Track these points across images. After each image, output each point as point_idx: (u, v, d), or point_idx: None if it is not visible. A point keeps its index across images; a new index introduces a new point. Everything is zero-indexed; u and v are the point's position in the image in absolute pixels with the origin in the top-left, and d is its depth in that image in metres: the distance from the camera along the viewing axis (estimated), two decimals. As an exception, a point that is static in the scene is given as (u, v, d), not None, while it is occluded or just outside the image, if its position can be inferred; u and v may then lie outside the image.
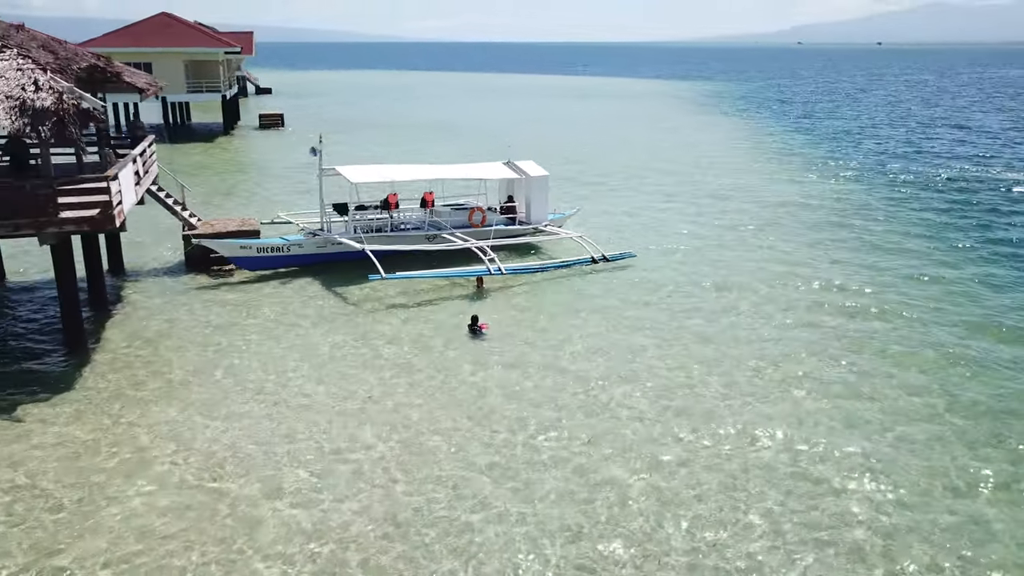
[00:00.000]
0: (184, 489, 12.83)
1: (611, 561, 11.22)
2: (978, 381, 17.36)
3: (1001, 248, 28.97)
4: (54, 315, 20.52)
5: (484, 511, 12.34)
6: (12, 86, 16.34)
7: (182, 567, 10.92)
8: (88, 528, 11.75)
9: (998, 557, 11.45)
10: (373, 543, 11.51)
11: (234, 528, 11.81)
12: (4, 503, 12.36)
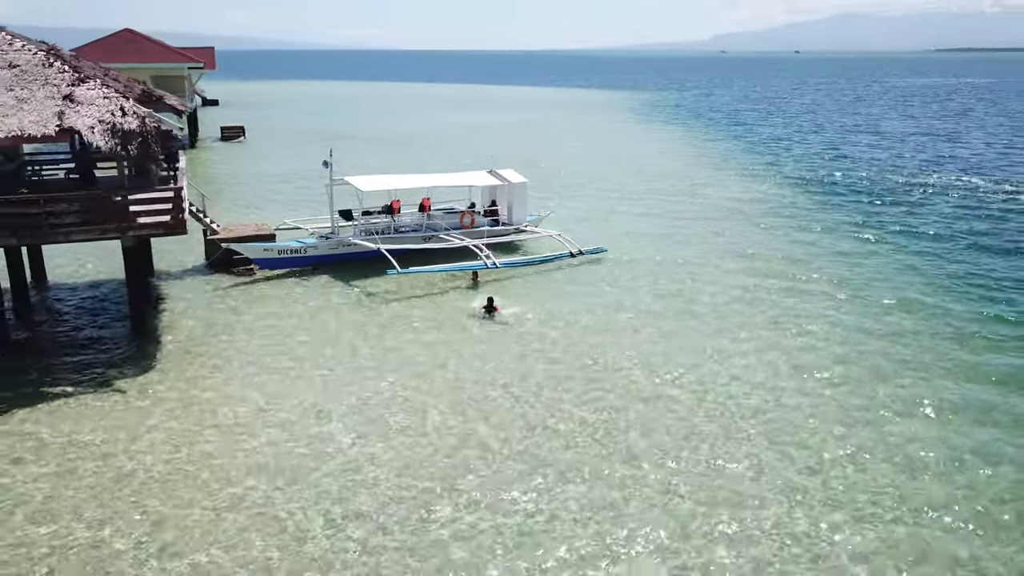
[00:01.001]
0: (295, 429, 16.13)
1: (619, 428, 15.05)
2: (870, 320, 21.90)
3: (908, 233, 34.13)
4: (107, 310, 23.30)
5: (546, 416, 16.03)
6: (103, 112, 19.27)
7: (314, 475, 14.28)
8: (247, 449, 14.97)
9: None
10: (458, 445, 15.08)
11: (333, 454, 15.21)
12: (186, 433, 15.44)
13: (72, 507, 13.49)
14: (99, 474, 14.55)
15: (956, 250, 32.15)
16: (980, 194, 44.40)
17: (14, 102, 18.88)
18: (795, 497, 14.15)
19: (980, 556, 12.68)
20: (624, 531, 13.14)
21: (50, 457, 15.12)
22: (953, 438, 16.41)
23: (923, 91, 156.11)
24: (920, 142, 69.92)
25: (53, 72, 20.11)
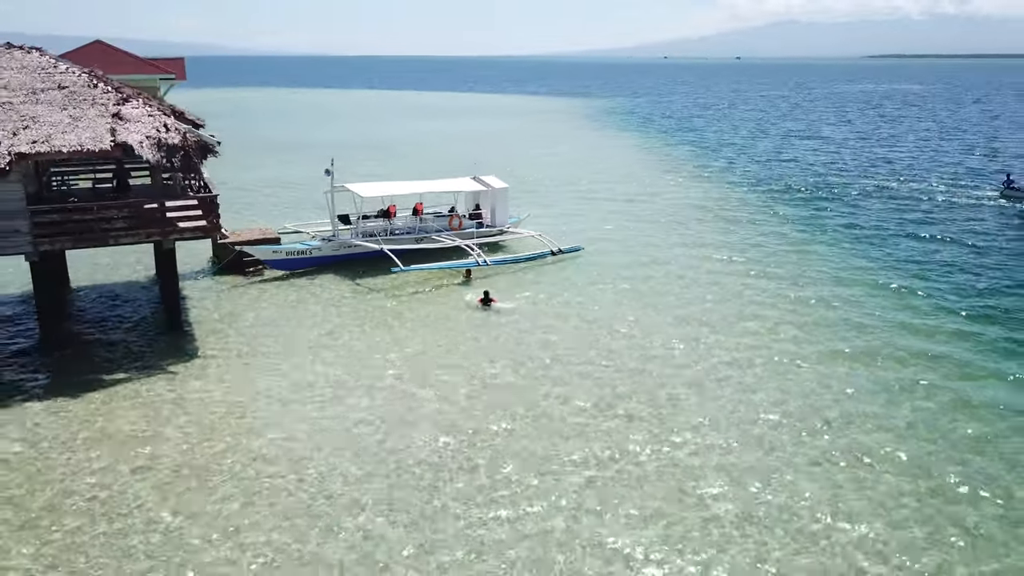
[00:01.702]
0: (326, 398, 18.80)
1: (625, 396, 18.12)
2: (807, 306, 25.47)
3: (849, 227, 38.11)
4: (135, 310, 25.55)
5: (550, 388, 18.99)
6: (149, 128, 21.62)
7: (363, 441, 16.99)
8: (295, 416, 17.58)
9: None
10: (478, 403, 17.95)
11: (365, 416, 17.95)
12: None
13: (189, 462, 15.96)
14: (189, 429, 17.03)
15: (889, 239, 36.21)
16: (910, 193, 48.91)
17: (70, 120, 21.11)
18: (745, 430, 17.36)
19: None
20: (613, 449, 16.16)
21: (154, 422, 17.51)
22: (864, 375, 19.85)
23: (858, 97, 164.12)
24: (857, 146, 75.07)
25: (98, 92, 22.36)
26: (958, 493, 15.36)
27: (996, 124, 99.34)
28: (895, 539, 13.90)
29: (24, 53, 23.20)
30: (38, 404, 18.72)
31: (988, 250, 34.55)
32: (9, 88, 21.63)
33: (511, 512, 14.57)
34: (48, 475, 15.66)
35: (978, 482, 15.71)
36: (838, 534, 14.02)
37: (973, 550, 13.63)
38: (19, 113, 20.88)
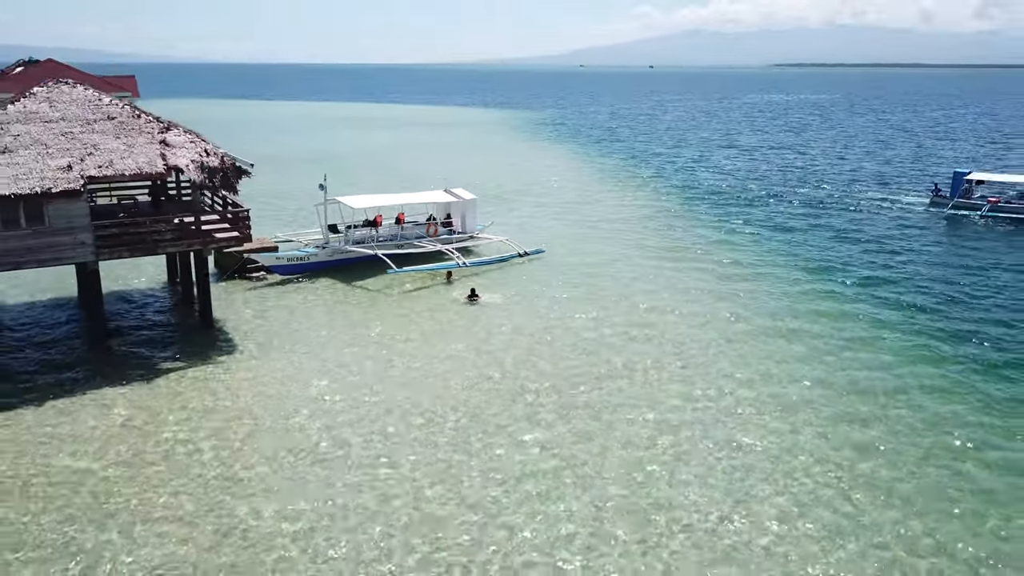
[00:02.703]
0: (347, 377, 22.89)
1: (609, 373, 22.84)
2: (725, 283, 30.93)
3: (766, 225, 44.10)
4: (153, 311, 28.94)
5: (525, 373, 23.53)
6: (193, 154, 25.22)
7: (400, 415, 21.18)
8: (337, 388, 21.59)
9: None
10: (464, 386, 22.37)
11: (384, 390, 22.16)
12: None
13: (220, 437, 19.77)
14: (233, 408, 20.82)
15: (800, 235, 42.32)
16: (817, 196, 55.68)
17: (125, 147, 24.52)
18: (679, 373, 22.35)
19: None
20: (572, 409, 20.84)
21: (203, 404, 21.18)
22: (783, 346, 25.20)
23: (768, 107, 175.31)
24: (768, 154, 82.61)
25: (142, 122, 25.77)
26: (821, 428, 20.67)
27: (889, 132, 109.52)
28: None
29: (71, 87, 26.29)
30: (128, 386, 22.10)
31: (920, 251, 40.60)
32: (67, 119, 24.83)
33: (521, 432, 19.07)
34: (158, 435, 19.25)
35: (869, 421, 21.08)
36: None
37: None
38: (81, 141, 24.18)
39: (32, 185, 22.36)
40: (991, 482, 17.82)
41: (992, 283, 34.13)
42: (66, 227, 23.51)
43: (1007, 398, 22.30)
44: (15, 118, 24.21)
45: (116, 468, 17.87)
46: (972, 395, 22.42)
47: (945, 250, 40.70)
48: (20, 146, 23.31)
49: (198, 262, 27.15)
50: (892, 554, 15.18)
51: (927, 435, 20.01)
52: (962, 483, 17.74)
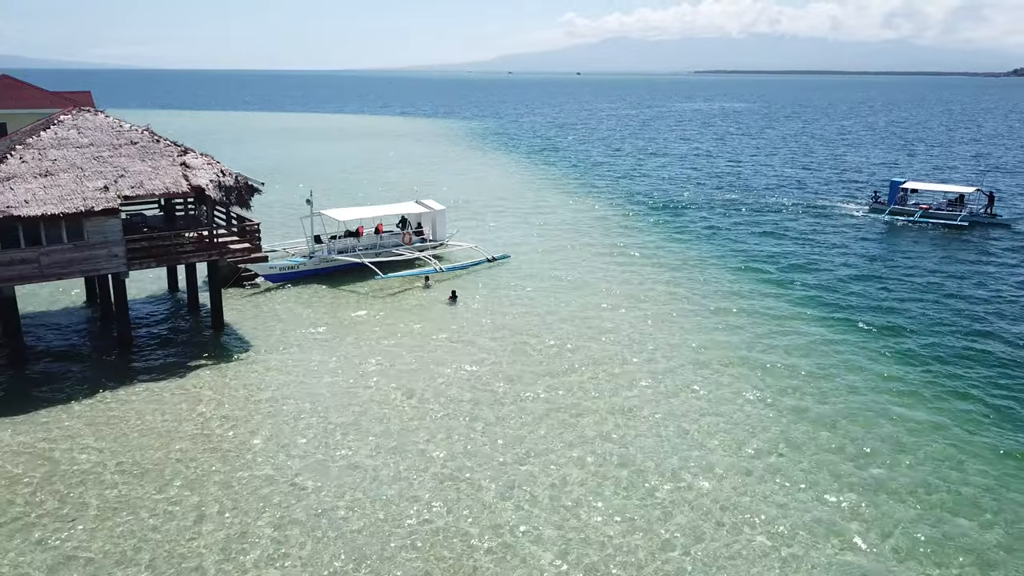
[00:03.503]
0: (350, 370, 26.37)
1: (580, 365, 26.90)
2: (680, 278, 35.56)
3: (703, 226, 49.11)
4: (164, 316, 31.74)
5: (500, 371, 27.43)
6: (212, 174, 28.23)
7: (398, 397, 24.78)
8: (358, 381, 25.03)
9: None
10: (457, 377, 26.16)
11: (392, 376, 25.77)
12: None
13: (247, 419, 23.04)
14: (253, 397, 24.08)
15: (733, 233, 47.45)
16: (743, 199, 61.26)
17: (151, 169, 27.38)
18: (630, 357, 26.64)
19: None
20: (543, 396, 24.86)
21: (221, 400, 24.31)
22: (727, 328, 29.78)
23: (696, 115, 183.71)
24: (697, 162, 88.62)
25: (161, 146, 28.62)
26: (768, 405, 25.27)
27: (809, 140, 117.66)
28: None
29: (93, 114, 28.92)
30: (163, 380, 25.00)
31: (858, 251, 46.04)
32: (95, 144, 27.52)
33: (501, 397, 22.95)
34: (224, 413, 22.34)
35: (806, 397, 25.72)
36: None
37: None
38: (112, 164, 26.93)
39: (76, 205, 25.09)
40: (899, 439, 22.55)
41: (918, 274, 39.70)
42: (102, 241, 26.25)
43: (902, 355, 27.31)
44: (49, 144, 26.79)
45: (198, 439, 20.96)
46: (879, 361, 27.35)
47: (884, 249, 46.13)
48: (59, 169, 25.96)
49: (212, 271, 30.07)
50: (806, 483, 19.62)
51: (841, 394, 24.72)
52: (874, 441, 22.40)
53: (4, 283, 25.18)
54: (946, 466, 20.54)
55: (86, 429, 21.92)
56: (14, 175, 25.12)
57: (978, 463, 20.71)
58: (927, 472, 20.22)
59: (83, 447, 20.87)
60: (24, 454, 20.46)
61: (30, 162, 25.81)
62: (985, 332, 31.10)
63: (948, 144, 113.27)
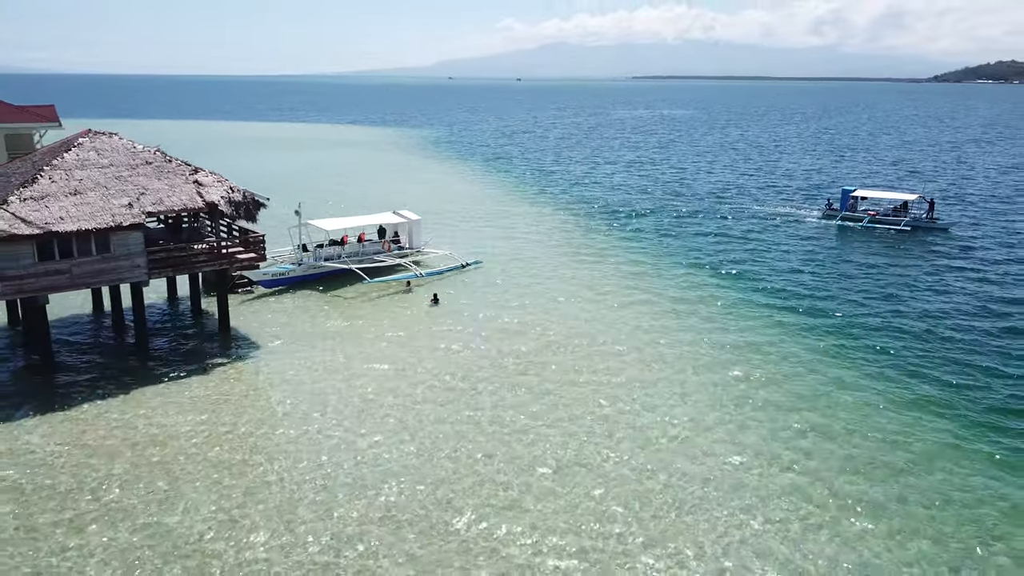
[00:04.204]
0: (364, 361, 29.60)
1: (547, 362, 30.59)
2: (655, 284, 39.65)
3: (651, 229, 53.44)
4: (172, 322, 34.34)
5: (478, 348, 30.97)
6: (223, 191, 31.02)
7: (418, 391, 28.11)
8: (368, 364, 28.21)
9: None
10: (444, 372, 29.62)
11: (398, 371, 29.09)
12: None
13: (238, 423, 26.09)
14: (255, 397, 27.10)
15: (684, 235, 51.88)
16: (691, 205, 65.98)
17: (168, 187, 30.05)
18: (597, 348, 30.48)
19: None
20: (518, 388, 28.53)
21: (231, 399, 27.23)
22: (686, 327, 33.87)
23: (636, 122, 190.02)
24: (644, 168, 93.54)
25: (173, 166, 31.27)
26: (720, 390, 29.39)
27: (746, 148, 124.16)
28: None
29: (107, 137, 31.36)
30: (186, 378, 27.72)
31: (810, 254, 50.75)
32: (115, 165, 30.03)
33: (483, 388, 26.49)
34: (244, 402, 25.23)
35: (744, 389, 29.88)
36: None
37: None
38: (132, 183, 29.52)
39: (106, 220, 27.67)
40: (841, 417, 26.82)
41: (864, 273, 44.58)
42: (126, 253, 28.82)
43: (856, 347, 31.76)
44: (73, 165, 29.23)
45: (221, 424, 23.86)
46: (814, 335, 31.74)
47: (837, 250, 51.01)
48: (87, 188, 28.46)
49: (220, 279, 32.78)
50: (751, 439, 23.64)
51: (786, 378, 28.95)
52: (805, 392, 26.62)
53: (40, 292, 27.57)
54: (863, 413, 24.86)
55: (130, 423, 24.64)
56: (47, 194, 27.56)
57: (889, 409, 25.09)
58: (851, 417, 24.48)
59: (137, 440, 23.61)
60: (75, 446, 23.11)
61: (59, 182, 28.24)
62: (905, 313, 35.96)
63: (874, 150, 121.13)
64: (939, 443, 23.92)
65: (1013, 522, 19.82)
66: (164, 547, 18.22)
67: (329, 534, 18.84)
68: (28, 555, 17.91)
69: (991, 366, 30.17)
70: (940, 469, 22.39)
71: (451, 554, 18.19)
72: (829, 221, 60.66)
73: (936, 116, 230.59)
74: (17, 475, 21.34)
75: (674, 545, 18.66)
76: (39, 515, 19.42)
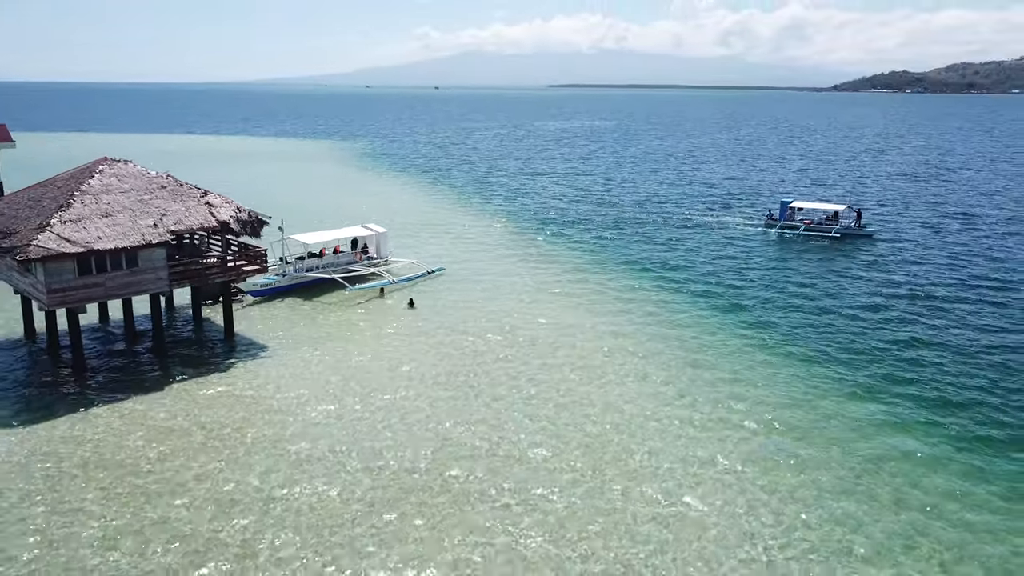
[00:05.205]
0: (349, 364, 34.39)
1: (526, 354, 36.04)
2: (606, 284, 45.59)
3: (593, 235, 59.51)
4: (178, 328, 38.29)
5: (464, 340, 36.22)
6: (231, 211, 35.23)
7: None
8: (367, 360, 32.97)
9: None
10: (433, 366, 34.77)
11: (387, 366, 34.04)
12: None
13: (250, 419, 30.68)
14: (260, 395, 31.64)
15: (619, 241, 58.16)
16: (624, 212, 72.57)
17: (184, 208, 34.09)
18: (563, 342, 36.13)
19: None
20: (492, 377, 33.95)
21: (236, 402, 31.65)
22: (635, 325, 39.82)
23: (560, 134, 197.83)
24: (576, 180, 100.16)
25: (184, 189, 35.28)
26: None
27: (665, 158, 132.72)
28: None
29: (123, 164, 35.06)
30: (203, 376, 31.82)
31: (750, 259, 57.42)
32: (135, 190, 33.87)
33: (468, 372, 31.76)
34: (260, 398, 29.61)
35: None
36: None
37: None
38: (153, 206, 33.45)
39: (136, 239, 31.59)
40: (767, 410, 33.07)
41: (799, 272, 51.54)
42: (151, 267, 32.76)
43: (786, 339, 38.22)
44: (99, 190, 32.96)
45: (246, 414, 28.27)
46: (740, 323, 38.10)
47: (777, 255, 57.87)
48: (115, 211, 32.28)
49: (225, 289, 36.85)
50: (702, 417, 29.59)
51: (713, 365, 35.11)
52: (735, 370, 32.78)
53: (80, 303, 31.29)
54: (787, 386, 31.20)
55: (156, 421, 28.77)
56: (83, 217, 31.31)
57: (810, 380, 31.58)
58: (778, 388, 30.75)
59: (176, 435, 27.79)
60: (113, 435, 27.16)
61: (90, 206, 31.99)
62: (831, 310, 42.94)
63: (782, 160, 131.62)
64: (836, 401, 30.43)
65: (874, 449, 26.29)
66: (246, 496, 22.71)
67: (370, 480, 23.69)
68: (154, 504, 22.10)
69: (877, 344, 37.22)
70: (835, 422, 28.80)
71: (451, 493, 23.31)
72: (769, 230, 67.55)
73: (836, 126, 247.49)
74: (92, 451, 25.29)
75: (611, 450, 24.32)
76: (135, 477, 23.55)
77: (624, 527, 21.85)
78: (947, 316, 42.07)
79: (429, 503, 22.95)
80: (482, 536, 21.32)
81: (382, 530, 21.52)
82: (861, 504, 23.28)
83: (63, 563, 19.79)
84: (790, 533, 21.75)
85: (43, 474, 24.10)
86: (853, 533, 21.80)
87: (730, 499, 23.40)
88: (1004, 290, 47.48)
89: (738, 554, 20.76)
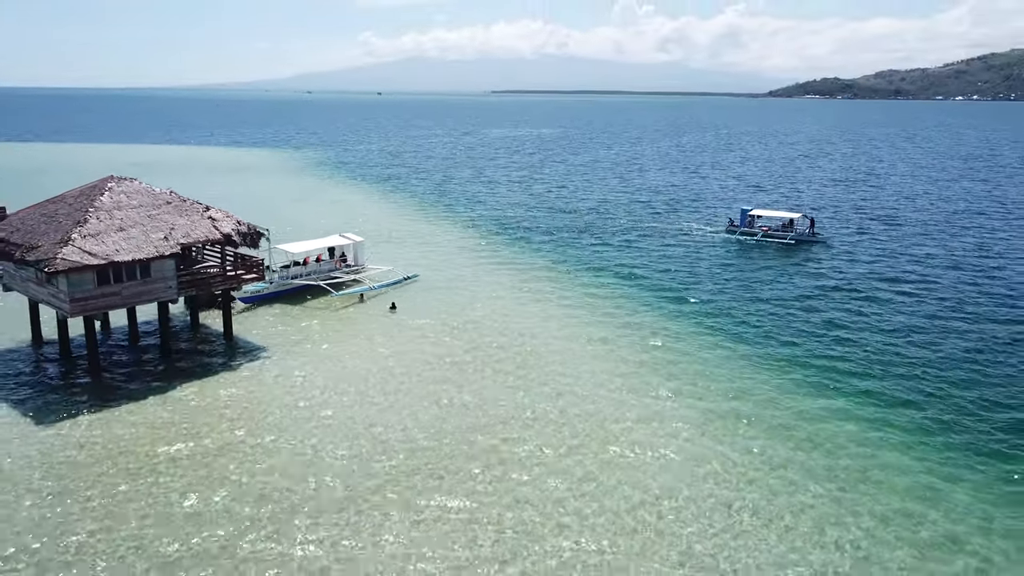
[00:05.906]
0: (340, 361, 37.89)
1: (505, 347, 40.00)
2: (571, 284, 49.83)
3: (551, 240, 63.74)
4: (178, 333, 41.16)
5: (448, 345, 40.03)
6: (232, 224, 38.32)
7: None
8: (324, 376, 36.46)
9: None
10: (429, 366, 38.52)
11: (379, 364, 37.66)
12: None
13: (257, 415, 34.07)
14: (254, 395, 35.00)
15: (578, 245, 62.52)
16: (581, 218, 77.07)
17: (190, 223, 37.06)
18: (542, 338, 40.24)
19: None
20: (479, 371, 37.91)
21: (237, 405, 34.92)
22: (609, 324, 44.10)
23: (509, 142, 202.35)
24: (532, 187, 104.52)
25: (187, 204, 38.23)
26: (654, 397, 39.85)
27: (612, 166, 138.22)
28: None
29: (129, 182, 37.81)
30: (211, 376, 34.87)
31: (711, 263, 62.11)
32: (143, 206, 36.71)
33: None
34: (270, 398, 32.84)
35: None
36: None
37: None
38: (161, 220, 36.36)
39: (151, 251, 34.51)
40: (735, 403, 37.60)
41: (752, 277, 56.38)
42: (162, 276, 35.68)
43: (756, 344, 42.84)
44: (111, 206, 35.74)
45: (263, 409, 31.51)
46: (704, 321, 42.66)
47: (737, 260, 62.64)
48: (128, 226, 35.12)
49: (226, 296, 39.84)
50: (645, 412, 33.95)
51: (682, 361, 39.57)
52: (685, 358, 37.26)
53: (99, 311, 34.07)
54: (744, 374, 35.76)
55: (173, 417, 31.82)
56: (100, 231, 34.10)
57: (763, 366, 36.22)
58: (727, 376, 35.27)
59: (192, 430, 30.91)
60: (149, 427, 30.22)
61: (105, 221, 34.79)
62: (770, 300, 47.88)
63: (723, 166, 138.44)
64: (779, 382, 35.15)
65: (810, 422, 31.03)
66: (282, 461, 26.09)
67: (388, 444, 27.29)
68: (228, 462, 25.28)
69: (839, 333, 42.28)
70: (773, 396, 33.48)
71: (454, 458, 27.13)
72: (729, 236, 72.29)
73: (772, 132, 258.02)
74: (108, 451, 28.27)
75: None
76: (185, 445, 26.65)
77: (582, 473, 26.00)
78: (874, 311, 47.53)
79: (418, 486, 26.70)
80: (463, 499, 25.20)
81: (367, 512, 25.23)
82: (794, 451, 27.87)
83: (69, 561, 22.33)
84: (739, 480, 26.16)
85: (56, 473, 26.99)
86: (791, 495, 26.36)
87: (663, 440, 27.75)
88: (927, 284, 53.42)
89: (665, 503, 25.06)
